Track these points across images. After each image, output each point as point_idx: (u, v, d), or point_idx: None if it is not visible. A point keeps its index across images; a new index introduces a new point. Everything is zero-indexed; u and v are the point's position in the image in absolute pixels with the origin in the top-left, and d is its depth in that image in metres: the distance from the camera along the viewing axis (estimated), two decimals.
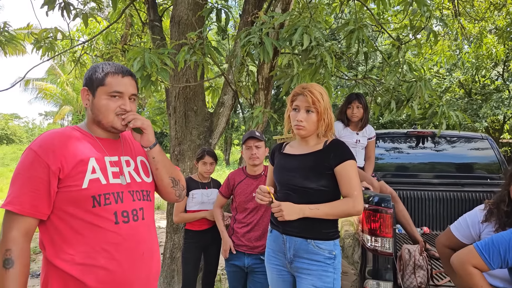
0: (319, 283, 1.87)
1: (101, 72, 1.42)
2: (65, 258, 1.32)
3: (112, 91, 1.41)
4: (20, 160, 1.34)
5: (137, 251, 1.42)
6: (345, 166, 1.88)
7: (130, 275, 1.39)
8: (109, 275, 1.34)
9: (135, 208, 1.44)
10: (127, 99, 1.45)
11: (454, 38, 8.76)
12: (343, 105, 3.41)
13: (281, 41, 2.97)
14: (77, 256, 1.32)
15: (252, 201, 2.80)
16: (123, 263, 1.37)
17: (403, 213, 3.28)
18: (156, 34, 4.22)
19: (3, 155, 27.71)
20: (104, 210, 1.36)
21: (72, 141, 1.39)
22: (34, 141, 1.36)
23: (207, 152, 3.19)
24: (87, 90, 1.45)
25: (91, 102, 1.44)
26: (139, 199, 1.48)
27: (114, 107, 1.42)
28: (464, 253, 1.65)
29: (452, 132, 4.36)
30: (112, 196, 1.39)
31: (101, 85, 1.42)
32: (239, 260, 2.83)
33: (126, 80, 1.45)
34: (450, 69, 16.23)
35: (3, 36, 3.96)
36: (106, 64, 1.46)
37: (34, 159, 1.31)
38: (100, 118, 1.44)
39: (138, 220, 1.44)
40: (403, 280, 2.35)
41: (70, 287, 1.32)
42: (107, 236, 1.35)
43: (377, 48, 3.69)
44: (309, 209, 1.84)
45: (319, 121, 1.94)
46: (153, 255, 1.51)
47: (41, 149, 1.32)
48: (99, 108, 1.42)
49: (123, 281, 1.37)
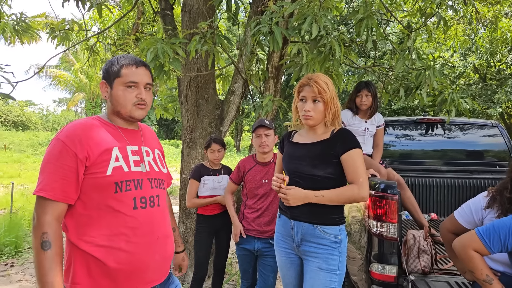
0: (324, 265, 1.97)
1: (117, 65, 1.51)
2: (87, 240, 1.41)
3: (127, 82, 1.50)
4: (48, 149, 1.42)
5: (153, 235, 1.50)
6: (351, 154, 1.94)
7: (146, 257, 1.47)
8: (127, 256, 1.42)
9: (152, 195, 1.53)
10: (143, 88, 1.53)
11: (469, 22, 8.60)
12: (352, 93, 3.43)
13: (291, 30, 3.01)
14: (99, 239, 1.41)
15: (262, 187, 2.89)
16: (140, 246, 1.45)
17: (410, 199, 3.33)
18: (168, 23, 4.27)
19: (19, 141, 28.26)
20: (124, 196, 1.44)
21: (96, 131, 1.47)
22: (61, 132, 1.43)
23: (214, 139, 3.27)
24: (105, 83, 1.54)
25: (109, 93, 1.53)
26: (157, 187, 1.58)
27: (131, 97, 1.51)
28: (465, 237, 1.71)
29: (462, 119, 4.35)
30: (133, 183, 1.48)
31: (118, 77, 1.50)
32: (249, 244, 2.93)
33: (140, 71, 1.53)
34: (464, 54, 15.91)
35: (20, 26, 4.06)
36: (121, 57, 1.54)
37: (62, 148, 1.38)
38: (119, 109, 1.52)
39: (154, 206, 1.53)
40: (407, 264, 2.42)
41: (92, 267, 1.41)
42: (126, 220, 1.44)
43: (386, 37, 3.69)
44: (314, 196, 1.93)
45: (326, 110, 2.00)
46: (168, 239, 1.60)
47: (68, 139, 1.40)
48: (117, 98, 1.51)
49: (140, 262, 1.46)
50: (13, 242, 5.14)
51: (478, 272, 1.64)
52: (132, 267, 1.44)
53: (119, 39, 6.04)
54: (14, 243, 5.15)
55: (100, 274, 1.41)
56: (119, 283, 1.43)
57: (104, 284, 1.42)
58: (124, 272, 1.43)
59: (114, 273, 1.41)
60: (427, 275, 2.40)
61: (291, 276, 2.16)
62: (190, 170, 3.88)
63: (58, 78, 25.28)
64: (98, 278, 1.41)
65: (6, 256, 4.96)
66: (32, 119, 44.36)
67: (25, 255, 5.06)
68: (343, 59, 3.64)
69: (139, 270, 1.46)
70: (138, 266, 1.45)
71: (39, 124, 44.89)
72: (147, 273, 1.48)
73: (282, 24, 3.28)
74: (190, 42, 3.11)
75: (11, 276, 4.33)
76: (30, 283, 4.16)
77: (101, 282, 1.41)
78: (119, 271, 1.42)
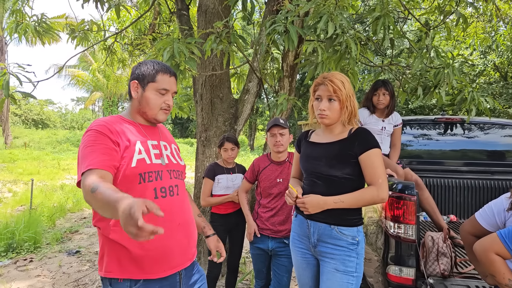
0: (341, 267, 1.93)
1: (152, 70, 1.62)
2: (116, 230, 1.50)
3: (161, 88, 1.62)
4: (84, 140, 1.49)
5: (174, 222, 1.60)
6: (369, 155, 1.91)
7: (170, 242, 1.57)
8: (151, 243, 1.50)
9: (171, 185, 1.64)
10: (171, 96, 1.67)
11: (489, 19, 8.40)
12: (369, 92, 3.38)
13: (306, 29, 2.98)
14: (122, 232, 1.47)
15: (276, 186, 2.88)
16: (162, 236, 1.51)
17: (429, 200, 3.26)
18: (184, 23, 4.29)
19: (39, 139, 28.87)
20: (147, 187, 1.55)
21: (121, 126, 1.59)
22: (91, 125, 1.53)
23: (227, 138, 3.28)
24: (138, 84, 1.64)
25: (140, 94, 1.64)
26: (176, 177, 1.69)
27: (160, 102, 1.64)
28: (487, 240, 1.66)
29: (482, 119, 4.25)
30: (154, 174, 1.58)
31: (152, 82, 1.62)
32: (263, 243, 2.92)
33: (172, 80, 1.67)
34: (484, 52, 15.57)
35: (40, 27, 4.14)
36: (155, 63, 1.65)
37: (98, 134, 1.49)
38: (146, 110, 1.64)
39: (174, 196, 1.64)
40: (425, 267, 2.37)
41: (121, 255, 1.51)
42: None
43: (403, 35, 3.63)
44: (333, 202, 1.90)
45: (342, 109, 1.97)
46: (189, 226, 1.70)
47: (100, 128, 1.51)
48: (148, 101, 1.63)
49: (164, 248, 1.55)
50: (32, 238, 5.25)
51: (500, 276, 1.59)
52: (157, 253, 1.53)
53: (136, 39, 6.10)
54: (33, 238, 5.26)
55: (128, 261, 1.51)
56: (147, 269, 1.52)
57: (133, 270, 1.51)
58: (150, 258, 1.52)
59: (141, 259, 1.51)
60: (446, 278, 2.35)
61: (307, 276, 2.13)
62: (204, 168, 3.89)
63: (76, 78, 25.79)
64: (127, 265, 1.51)
65: (25, 251, 5.07)
66: (51, 117, 45.25)
67: (43, 250, 5.17)
68: (359, 58, 3.60)
69: (164, 255, 1.55)
70: (163, 251, 1.55)
71: (58, 123, 45.76)
72: (172, 258, 1.58)
73: (298, 23, 3.25)
74: (206, 42, 3.12)
75: (30, 271, 4.42)
76: (48, 278, 4.25)
77: (130, 269, 1.51)
78: (145, 257, 1.51)
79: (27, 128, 37.58)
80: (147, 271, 1.52)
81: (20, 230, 5.24)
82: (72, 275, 4.33)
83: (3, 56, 24.66)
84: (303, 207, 1.93)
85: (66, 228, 6.40)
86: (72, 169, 15.00)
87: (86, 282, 4.13)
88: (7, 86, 3.01)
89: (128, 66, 7.19)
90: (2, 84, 3.01)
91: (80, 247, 5.36)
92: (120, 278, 1.51)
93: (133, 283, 1.52)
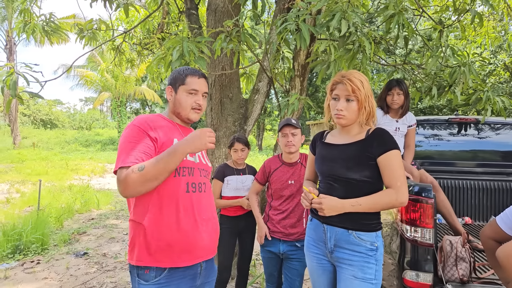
0: (360, 274, 1.85)
1: (183, 74, 1.80)
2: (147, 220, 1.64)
3: (190, 89, 1.79)
4: (126, 133, 1.66)
5: (200, 216, 1.74)
6: (388, 156, 1.84)
7: (195, 235, 1.70)
8: (179, 234, 1.65)
9: (200, 182, 1.80)
10: (201, 96, 1.82)
11: (500, 18, 8.27)
12: (382, 92, 3.31)
13: (318, 27, 2.92)
14: (156, 218, 1.64)
15: (288, 188, 2.82)
16: (189, 225, 1.68)
17: (444, 203, 3.19)
18: (193, 22, 4.26)
19: (47, 139, 29.10)
20: (180, 180, 1.70)
21: (161, 123, 1.75)
22: (133, 121, 1.70)
23: (237, 139, 3.23)
24: (171, 88, 1.83)
25: (173, 97, 1.82)
26: (205, 176, 1.85)
27: (191, 102, 1.80)
28: (510, 246, 1.59)
29: (497, 119, 4.16)
30: (187, 170, 1.74)
31: (182, 84, 1.79)
32: (274, 247, 2.86)
33: (201, 81, 1.82)
34: (495, 51, 15.39)
35: (49, 26, 4.12)
36: (186, 68, 1.83)
37: (139, 130, 1.65)
38: (179, 110, 1.81)
39: (202, 192, 1.79)
40: (444, 272, 2.30)
41: (151, 245, 1.63)
42: (179, 201, 1.68)
43: (417, 33, 3.54)
44: (351, 205, 1.83)
45: (360, 110, 1.90)
46: (214, 221, 1.84)
47: (141, 123, 1.68)
48: (180, 102, 1.79)
49: (190, 239, 1.68)
50: (39, 239, 5.23)
51: None
52: (183, 244, 1.67)
53: (145, 38, 6.08)
54: (40, 240, 5.23)
55: (157, 251, 1.63)
56: (174, 258, 1.65)
57: (162, 259, 1.64)
58: (176, 248, 1.65)
59: (168, 249, 1.64)
60: (465, 284, 2.27)
61: (322, 283, 2.05)
62: (214, 169, 3.85)
63: (85, 78, 25.92)
64: (156, 255, 1.64)
65: (33, 253, 5.05)
66: (60, 117, 45.54)
67: (51, 252, 5.16)
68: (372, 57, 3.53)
69: (190, 245, 1.68)
70: (189, 242, 1.68)
71: (66, 123, 46.05)
72: (196, 249, 1.71)
73: (310, 21, 3.19)
74: (215, 41, 3.08)
75: (37, 274, 4.40)
76: (55, 280, 4.22)
77: (159, 258, 1.64)
78: (173, 247, 1.65)
79: (35, 128, 37.87)
80: (174, 260, 1.65)
81: (27, 232, 5.22)
82: (80, 278, 4.30)
83: (12, 56, 24.88)
84: (319, 207, 1.84)
85: (74, 229, 6.39)
86: (80, 169, 15.07)
87: (94, 285, 4.10)
88: (14, 86, 2.99)
89: (137, 66, 7.17)
90: (9, 84, 2.99)
91: (88, 249, 5.34)
92: (149, 266, 1.64)
93: (159, 272, 1.64)
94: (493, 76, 16.05)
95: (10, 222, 5.69)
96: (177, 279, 1.67)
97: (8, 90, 3.02)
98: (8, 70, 3.12)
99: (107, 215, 7.66)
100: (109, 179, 13.21)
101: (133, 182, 1.53)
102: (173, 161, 1.59)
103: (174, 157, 1.58)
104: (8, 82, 3.01)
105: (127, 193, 1.56)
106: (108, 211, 8.01)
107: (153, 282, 1.63)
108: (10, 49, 24.75)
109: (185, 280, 1.69)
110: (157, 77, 6.16)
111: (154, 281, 1.63)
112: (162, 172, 1.58)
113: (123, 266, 4.69)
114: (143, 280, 1.64)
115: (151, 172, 1.55)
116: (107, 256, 5.08)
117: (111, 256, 5.09)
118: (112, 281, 4.20)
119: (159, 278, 1.63)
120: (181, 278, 1.68)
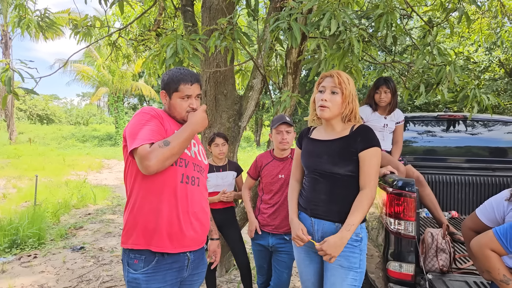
0: (346, 263, 1.97)
1: (176, 81, 1.87)
2: (143, 205, 1.74)
3: (183, 95, 1.87)
4: (137, 117, 1.77)
5: (191, 208, 1.82)
6: (369, 153, 1.93)
7: (185, 224, 1.78)
8: (170, 222, 1.75)
9: (194, 176, 1.88)
10: (194, 99, 1.90)
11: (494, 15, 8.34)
12: (371, 90, 3.40)
13: (309, 26, 2.99)
14: (151, 203, 1.74)
15: (278, 182, 2.90)
16: (180, 214, 1.77)
17: (430, 197, 3.28)
18: (188, 19, 4.31)
19: (44, 135, 29.06)
20: (176, 170, 1.79)
21: (164, 115, 1.86)
22: (143, 109, 1.82)
23: (217, 134, 3.35)
24: (165, 94, 1.90)
25: (168, 102, 1.91)
26: (198, 171, 1.93)
27: (185, 106, 1.88)
28: (483, 237, 1.68)
29: (485, 116, 4.25)
30: (183, 162, 1.83)
31: (176, 91, 1.87)
32: (264, 240, 2.95)
33: (194, 86, 1.89)
34: (489, 48, 15.47)
35: (43, 22, 4.16)
36: (179, 73, 1.88)
37: (151, 115, 1.77)
38: (175, 114, 1.90)
39: (195, 186, 1.87)
40: (425, 262, 2.40)
41: (147, 229, 1.73)
42: (173, 190, 1.77)
43: (406, 32, 3.62)
44: (347, 231, 1.91)
45: (343, 103, 1.99)
46: (203, 215, 1.91)
47: (150, 111, 1.80)
48: (175, 107, 1.88)
49: (179, 227, 1.77)
50: (36, 234, 5.30)
51: (495, 272, 1.62)
52: (173, 231, 1.75)
53: (141, 34, 6.12)
54: (37, 234, 5.31)
55: (150, 235, 1.73)
56: (164, 244, 1.74)
57: (154, 244, 1.73)
58: (167, 234, 1.74)
59: (160, 234, 1.73)
60: (445, 274, 2.37)
61: (309, 273, 2.16)
62: None
63: (81, 73, 25.82)
64: (149, 239, 1.73)
65: (29, 247, 5.12)
66: (57, 113, 45.44)
67: (47, 246, 5.23)
68: (362, 55, 3.60)
69: (178, 234, 1.76)
70: (178, 230, 1.76)
71: (63, 118, 45.95)
72: (185, 238, 1.79)
73: (301, 20, 3.26)
74: (210, 38, 3.14)
75: (34, 267, 4.48)
76: (52, 274, 4.31)
77: (152, 242, 1.73)
78: (164, 232, 1.73)
79: (32, 123, 37.78)
80: (165, 245, 1.74)
81: (24, 226, 5.29)
82: (76, 271, 4.39)
83: (7, 51, 24.78)
84: (323, 253, 1.92)
85: (70, 224, 6.46)
86: (77, 165, 15.08)
87: (90, 278, 4.19)
88: (9, 82, 3.04)
89: (133, 62, 7.21)
90: (4, 80, 3.04)
91: (85, 243, 5.42)
92: (138, 250, 1.74)
93: (147, 263, 1.73)
94: (488, 72, 16.15)
95: (7, 217, 5.76)
96: (163, 270, 1.76)
97: (4, 86, 3.07)
98: (3, 66, 3.17)
99: (103, 210, 7.73)
100: (106, 174, 13.25)
101: (162, 155, 1.64)
102: (187, 140, 1.75)
103: (190, 135, 1.76)
104: (3, 78, 3.06)
105: (154, 167, 1.64)
106: (104, 206, 8.09)
107: (141, 271, 1.73)
108: (6, 44, 24.65)
109: (171, 271, 1.78)
110: (154, 73, 6.21)
111: (142, 271, 1.73)
112: (182, 149, 1.74)
113: (119, 260, 4.77)
114: (132, 269, 1.74)
115: (176, 147, 1.69)
116: (104, 250, 5.17)
117: (107, 250, 5.17)
118: (108, 274, 4.29)
119: (147, 268, 1.73)
120: (167, 270, 1.77)
